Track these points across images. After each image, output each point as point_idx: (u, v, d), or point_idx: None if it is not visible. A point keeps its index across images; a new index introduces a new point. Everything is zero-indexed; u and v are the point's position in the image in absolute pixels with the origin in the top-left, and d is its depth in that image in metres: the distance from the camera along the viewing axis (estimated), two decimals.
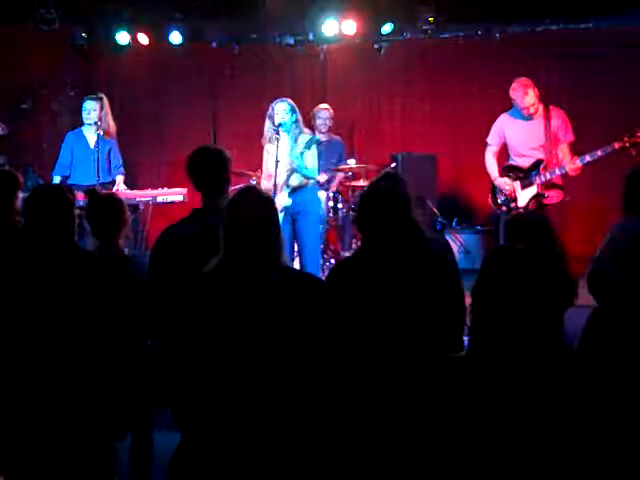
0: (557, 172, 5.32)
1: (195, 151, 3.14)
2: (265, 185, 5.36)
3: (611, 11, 6.95)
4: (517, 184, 5.47)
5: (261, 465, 2.25)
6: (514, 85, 5.42)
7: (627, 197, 3.35)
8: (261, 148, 5.55)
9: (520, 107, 5.39)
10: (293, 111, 5.32)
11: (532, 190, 5.39)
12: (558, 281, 1.96)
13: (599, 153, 5.15)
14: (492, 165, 5.66)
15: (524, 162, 5.47)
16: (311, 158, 5.37)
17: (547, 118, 5.36)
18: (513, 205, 5.47)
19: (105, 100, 6.20)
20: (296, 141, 5.31)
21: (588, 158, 5.20)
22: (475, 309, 1.90)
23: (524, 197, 5.43)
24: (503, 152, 5.80)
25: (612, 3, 6.86)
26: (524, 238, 2.96)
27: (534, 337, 1.82)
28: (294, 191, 5.37)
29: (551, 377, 1.82)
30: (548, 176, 5.33)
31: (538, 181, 5.36)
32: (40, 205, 2.85)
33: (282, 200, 5.29)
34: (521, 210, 5.38)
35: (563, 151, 5.39)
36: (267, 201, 2.48)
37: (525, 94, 5.33)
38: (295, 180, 5.39)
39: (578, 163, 5.23)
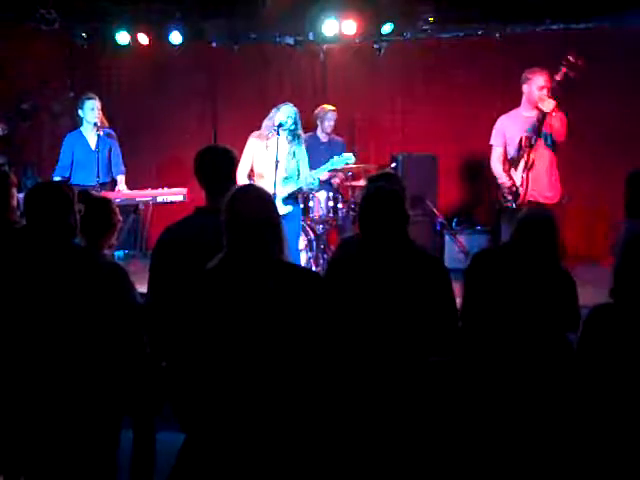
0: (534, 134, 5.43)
1: (203, 149, 3.15)
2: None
3: (611, 11, 6.95)
4: (512, 170, 5.61)
5: (262, 462, 2.25)
6: (534, 69, 5.55)
7: (629, 200, 3.34)
8: None
9: (534, 93, 5.47)
10: (296, 115, 5.28)
11: (521, 165, 5.52)
12: (548, 277, 1.95)
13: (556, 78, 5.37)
14: (498, 169, 5.76)
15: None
16: (304, 166, 5.37)
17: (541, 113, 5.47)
18: (514, 189, 5.60)
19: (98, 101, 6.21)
20: (295, 154, 5.31)
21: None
22: (465, 311, 1.89)
23: (518, 175, 5.56)
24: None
25: (612, 3, 6.86)
26: (533, 235, 2.98)
27: (528, 335, 1.82)
28: (289, 198, 5.37)
29: (549, 375, 1.82)
30: (530, 142, 5.44)
31: (523, 153, 5.48)
32: (39, 202, 2.85)
33: (280, 209, 5.26)
34: (520, 188, 5.50)
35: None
36: (267, 197, 2.49)
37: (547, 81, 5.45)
38: (290, 188, 5.38)
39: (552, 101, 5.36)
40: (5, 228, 3.60)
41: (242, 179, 5.23)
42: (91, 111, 6.08)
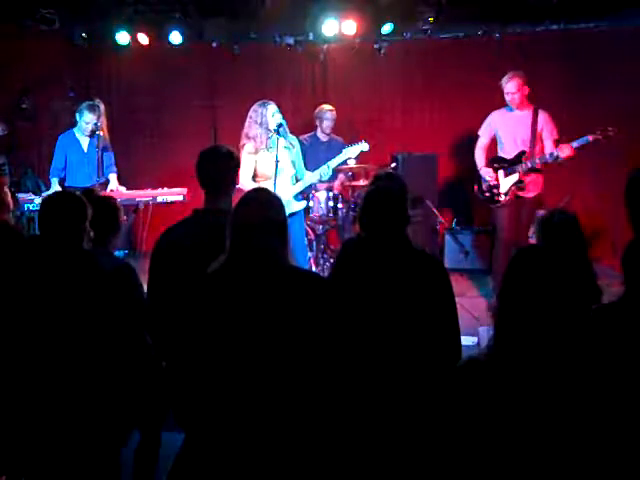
0: (537, 161, 5.73)
1: (206, 150, 3.14)
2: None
3: (611, 11, 6.95)
4: (501, 172, 5.95)
5: (264, 465, 2.25)
6: (506, 76, 5.89)
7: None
8: None
9: (507, 98, 5.85)
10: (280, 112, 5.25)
11: (514, 177, 5.86)
12: (583, 281, 1.98)
13: (575, 144, 5.55)
14: (480, 156, 6.15)
15: (510, 153, 5.90)
16: (299, 158, 5.41)
17: (535, 116, 5.81)
18: (495, 191, 5.96)
19: (102, 109, 6.16)
20: (292, 145, 5.32)
21: (576, 144, 5.57)
22: (502, 309, 1.93)
23: (506, 184, 5.90)
24: (492, 145, 6.13)
25: (612, 3, 6.86)
26: (557, 236, 2.99)
27: (562, 337, 1.85)
28: (299, 194, 5.37)
29: (578, 374, 1.85)
30: (529, 165, 5.77)
31: (520, 169, 5.81)
32: (57, 210, 2.85)
33: (295, 206, 5.29)
34: (502, 195, 5.89)
35: (548, 147, 5.80)
36: (275, 201, 2.48)
37: (508, 81, 5.82)
38: (305, 182, 5.41)
39: (574, 145, 5.55)
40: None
41: (248, 184, 5.15)
42: (83, 122, 6.09)
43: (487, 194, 6.03)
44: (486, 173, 5.99)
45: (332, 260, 6.52)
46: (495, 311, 1.96)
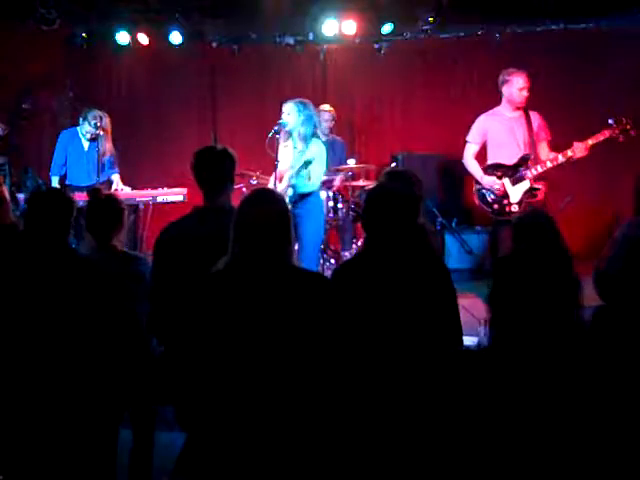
0: (549, 164, 5.37)
1: (200, 150, 3.15)
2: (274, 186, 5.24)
3: (611, 11, 6.96)
4: (506, 181, 5.50)
5: (267, 464, 2.25)
6: (511, 70, 5.53)
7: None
8: (261, 147, 5.51)
9: (514, 94, 5.48)
10: (299, 111, 5.03)
11: (525, 185, 5.45)
12: (564, 280, 2.04)
13: (590, 142, 5.26)
14: (474, 165, 5.69)
15: (508, 158, 5.50)
16: (315, 171, 5.06)
17: (527, 117, 5.49)
18: (506, 202, 5.50)
19: (106, 120, 6.11)
20: (301, 148, 5.22)
21: (592, 142, 5.28)
22: (494, 314, 2.02)
23: (516, 192, 5.47)
24: (480, 152, 5.81)
25: (612, 3, 6.87)
26: (531, 238, 2.99)
27: (551, 333, 1.92)
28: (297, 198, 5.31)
29: (568, 369, 1.91)
30: (539, 169, 5.40)
31: (529, 175, 5.42)
32: (41, 208, 2.85)
33: None
34: (515, 205, 5.43)
35: (544, 149, 5.51)
36: (280, 202, 2.48)
37: (520, 76, 5.46)
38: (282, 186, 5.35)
39: (588, 143, 5.26)
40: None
41: (271, 182, 5.16)
42: (85, 132, 6.11)
43: (496, 206, 5.52)
44: (492, 183, 5.49)
45: (332, 260, 6.52)
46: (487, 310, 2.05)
